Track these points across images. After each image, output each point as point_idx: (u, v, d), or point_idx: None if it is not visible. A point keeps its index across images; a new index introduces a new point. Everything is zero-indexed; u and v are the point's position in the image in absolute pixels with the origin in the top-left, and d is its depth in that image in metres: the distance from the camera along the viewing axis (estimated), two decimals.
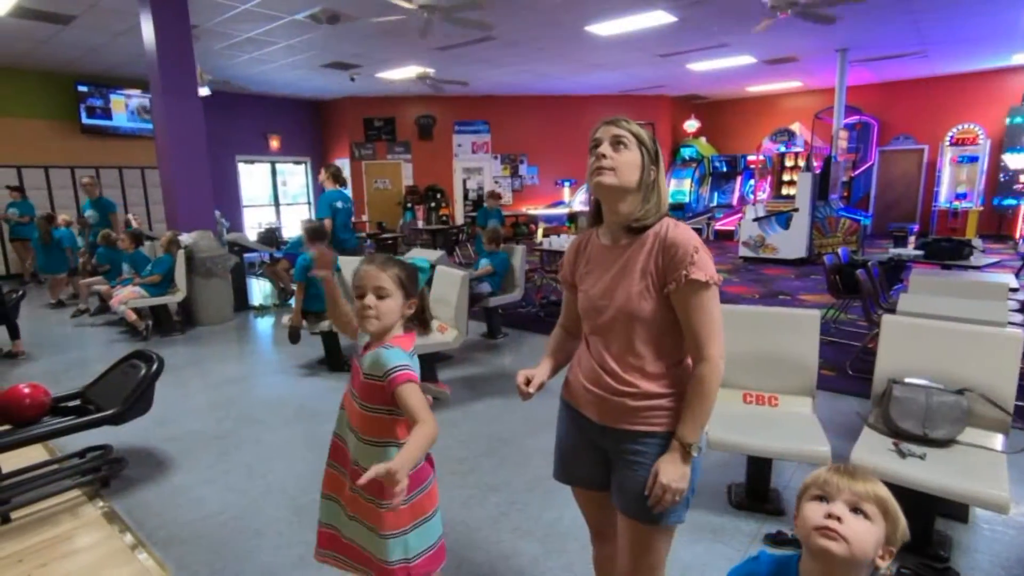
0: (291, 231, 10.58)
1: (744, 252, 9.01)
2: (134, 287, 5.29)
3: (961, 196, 10.69)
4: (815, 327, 2.40)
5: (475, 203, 12.28)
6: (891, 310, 3.18)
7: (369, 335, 1.41)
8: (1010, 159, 10.28)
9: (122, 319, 5.37)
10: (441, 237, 10.14)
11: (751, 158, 12.41)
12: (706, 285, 1.21)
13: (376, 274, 1.35)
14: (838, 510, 0.89)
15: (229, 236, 6.94)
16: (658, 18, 6.88)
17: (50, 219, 6.82)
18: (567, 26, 7.22)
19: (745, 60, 9.25)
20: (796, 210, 8.50)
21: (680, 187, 12.59)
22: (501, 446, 3.03)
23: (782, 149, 11.64)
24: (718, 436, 2.16)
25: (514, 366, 4.35)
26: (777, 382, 2.45)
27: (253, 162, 12.01)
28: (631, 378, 1.27)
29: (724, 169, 12.82)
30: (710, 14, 6.82)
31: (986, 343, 2.12)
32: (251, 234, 9.47)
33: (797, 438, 2.15)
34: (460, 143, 12.34)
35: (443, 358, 4.38)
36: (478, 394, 3.77)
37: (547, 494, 2.56)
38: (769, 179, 11.68)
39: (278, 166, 12.47)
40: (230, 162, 11.37)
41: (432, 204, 11.78)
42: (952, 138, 10.67)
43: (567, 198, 12.32)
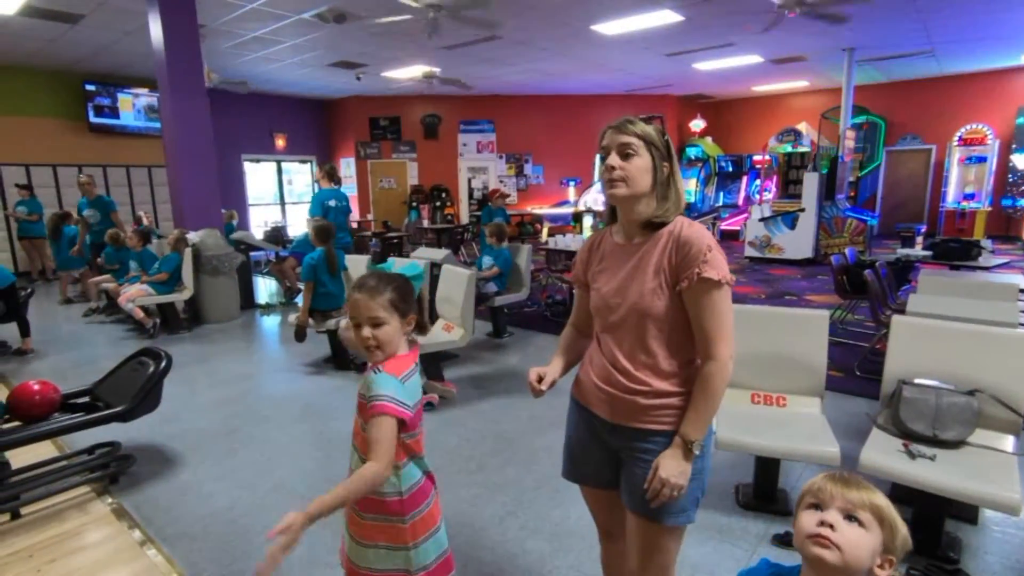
0: (296, 230, 10.61)
1: (750, 252, 8.98)
2: (142, 285, 5.32)
3: (969, 196, 10.63)
4: (824, 327, 2.39)
5: (480, 202, 12.28)
6: (900, 311, 3.16)
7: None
8: (1019, 159, 10.22)
9: (129, 317, 5.39)
10: (446, 236, 10.15)
11: (757, 158, 12.36)
12: (718, 284, 1.21)
13: (367, 304, 1.27)
14: (831, 518, 0.88)
15: (235, 235, 6.96)
16: (665, 17, 6.86)
17: (64, 217, 6.87)
18: (573, 25, 7.21)
19: (752, 59, 9.22)
20: (802, 210, 8.46)
21: (685, 187, 12.49)
22: (507, 445, 3.03)
23: (788, 149, 11.58)
24: (726, 436, 2.16)
25: (520, 365, 4.35)
26: (785, 382, 2.44)
27: (259, 161, 12.04)
28: (643, 376, 1.27)
29: (730, 169, 12.77)
30: (717, 13, 6.80)
31: (997, 344, 2.11)
32: (257, 233, 9.50)
33: (805, 438, 2.14)
34: (465, 142, 12.34)
35: (449, 357, 4.38)
36: (484, 393, 3.77)
37: (554, 493, 2.56)
38: (775, 179, 11.63)
39: (284, 165, 12.51)
40: (236, 160, 11.41)
41: (437, 203, 11.79)
42: (960, 138, 10.61)
43: (572, 198, 12.30)
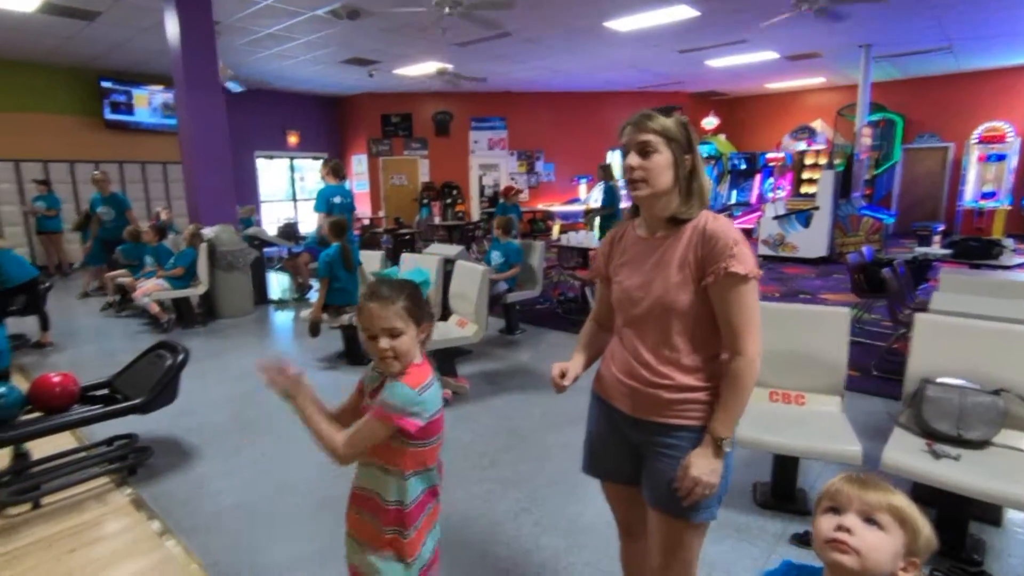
0: (309, 227, 10.65)
1: (763, 251, 8.90)
2: (157, 280, 5.37)
3: (988, 195, 10.45)
4: (845, 325, 2.35)
5: (491, 199, 12.27)
6: (920, 309, 3.11)
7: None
8: None
9: (145, 311, 5.45)
10: (457, 233, 10.16)
11: (770, 155, 12.24)
12: (745, 279, 1.19)
13: (383, 314, 1.20)
14: (849, 521, 0.86)
15: (249, 230, 7.00)
16: (680, 13, 6.80)
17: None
18: (586, 22, 7.17)
19: (766, 56, 9.13)
20: (817, 208, 8.37)
21: None
22: (520, 441, 3.02)
23: (803, 147, 11.46)
24: (744, 433, 2.13)
25: (532, 362, 4.34)
26: (804, 381, 2.41)
27: (272, 157, 12.11)
28: (666, 370, 1.25)
29: (743, 167, 12.66)
30: (732, 9, 6.73)
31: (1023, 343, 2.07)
32: (270, 229, 9.55)
33: (826, 437, 2.11)
34: (476, 139, 12.33)
35: (462, 353, 4.38)
36: (497, 389, 3.77)
37: (569, 489, 2.55)
38: (789, 177, 11.51)
39: (296, 162, 12.57)
40: (249, 157, 11.48)
41: (448, 200, 11.80)
42: (979, 136, 10.43)
43: (583, 195, 12.26)
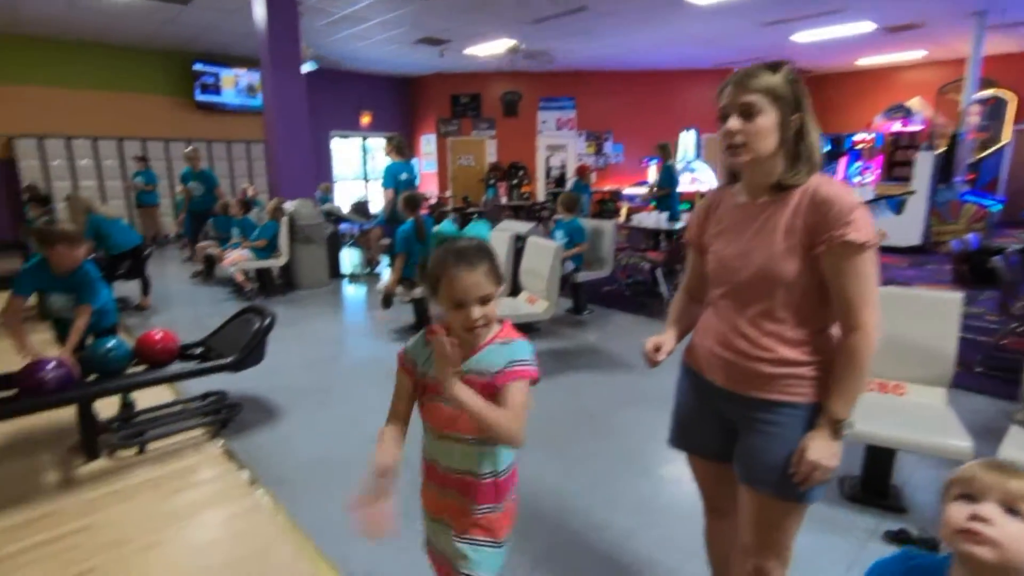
0: (379, 204, 10.94)
1: None
2: (243, 250, 5.68)
3: None
4: (955, 311, 2.16)
5: (557, 180, 12.15)
6: None
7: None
8: None
9: (230, 280, 5.79)
10: (524, 214, 10.14)
11: (858, 137, 11.42)
12: (862, 247, 1.10)
13: (477, 281, 1.09)
14: (987, 511, 0.78)
15: (325, 206, 7.27)
16: None
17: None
18: None
19: (862, 27, 8.44)
20: (912, 193, 7.75)
21: None
22: (589, 419, 3.00)
23: (897, 127, 10.62)
24: None
25: (600, 342, 4.28)
26: (904, 370, 2.25)
27: (346, 137, 12.48)
28: (768, 342, 1.18)
29: (828, 148, 11.89)
30: None
31: None
32: (342, 207, 9.87)
33: (930, 430, 1.96)
34: (545, 119, 12.20)
35: (529, 330, 4.39)
36: (565, 367, 3.75)
37: (640, 468, 2.51)
38: (878, 160, 10.72)
39: (367, 142, 12.89)
40: (324, 137, 11.88)
41: (514, 181, 11.78)
42: None
43: (651, 178, 11.90)
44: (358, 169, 12.97)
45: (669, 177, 6.90)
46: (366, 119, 12.40)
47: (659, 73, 11.78)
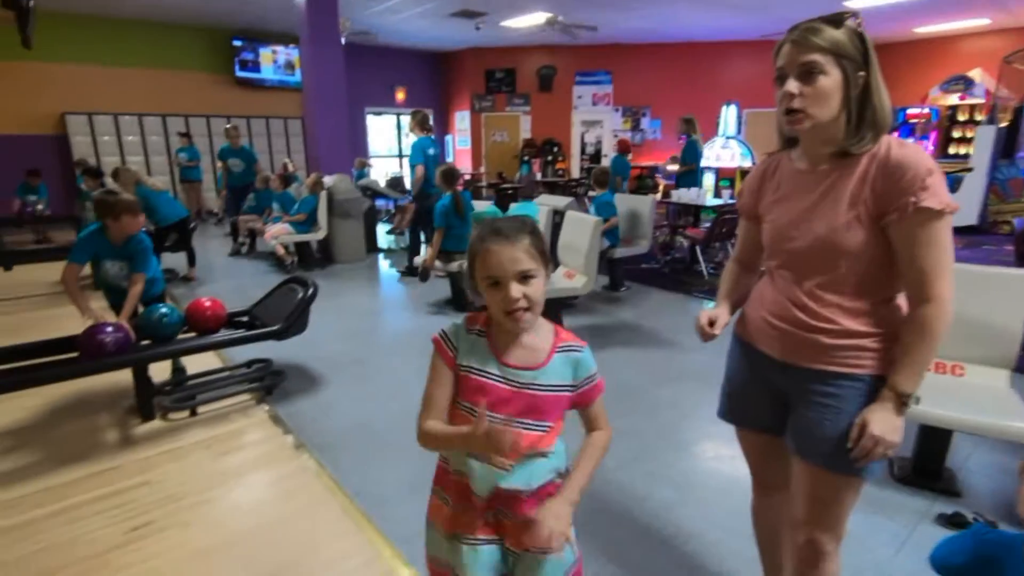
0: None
1: None
2: (283, 224, 5.78)
3: None
4: (1022, 290, 2.04)
5: (592, 157, 11.95)
6: None
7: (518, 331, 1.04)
8: None
9: (271, 254, 5.91)
10: (559, 190, 10.04)
11: (912, 111, 10.84)
12: (939, 215, 1.04)
13: (514, 255, 0.97)
14: None
15: (362, 181, 7.33)
16: None
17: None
18: None
19: None
20: (969, 170, 7.35)
21: None
22: (629, 395, 2.97)
23: (954, 100, 10.04)
24: None
25: (637, 319, 4.23)
26: (963, 350, 2.14)
27: (380, 114, 12.51)
28: (828, 313, 1.13)
29: None
30: None
31: None
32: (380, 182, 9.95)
33: (992, 412, 1.87)
34: (580, 95, 11.96)
35: (566, 306, 4.36)
36: (602, 343, 3.72)
37: (680, 443, 2.49)
38: (933, 135, 10.18)
39: (402, 118, 12.89)
40: (359, 113, 11.93)
41: (548, 158, 11.64)
42: None
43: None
44: (393, 146, 13.01)
45: (693, 152, 6.70)
46: (401, 95, 12.39)
47: (699, 45, 11.38)
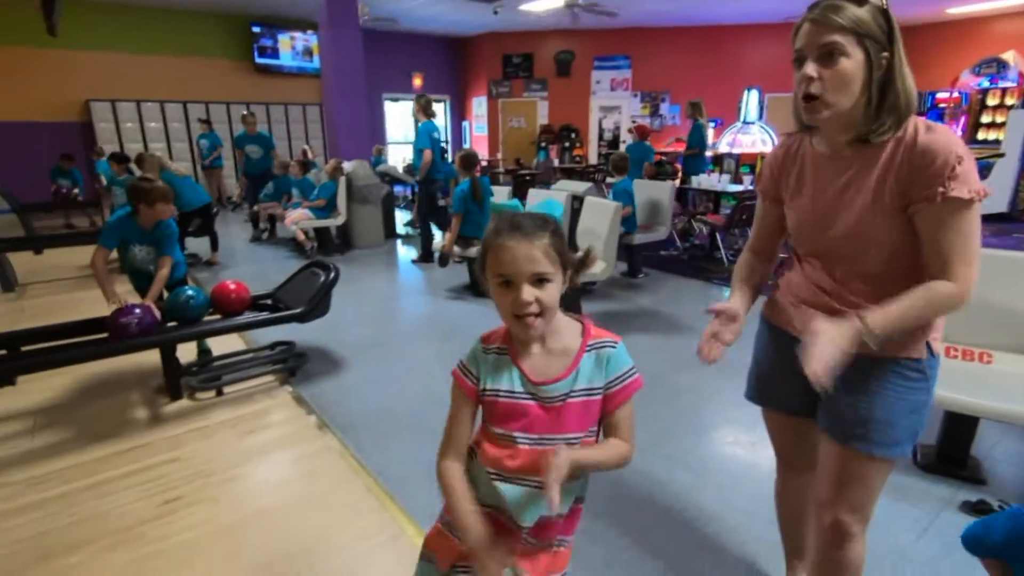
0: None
1: None
2: (303, 209, 5.84)
3: None
4: None
5: (610, 143, 11.84)
6: None
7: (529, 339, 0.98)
8: None
9: (291, 240, 5.97)
10: (576, 177, 9.97)
11: (941, 95, 10.55)
12: (968, 204, 1.00)
13: (530, 253, 0.90)
14: None
15: (380, 167, 7.35)
16: None
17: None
18: None
19: None
20: (1001, 155, 7.15)
21: None
22: (648, 381, 2.88)
23: (986, 84, 9.74)
24: None
25: (655, 305, 4.21)
26: (992, 337, 2.11)
27: (397, 100, 12.50)
28: (860, 301, 1.11)
29: None
30: None
31: None
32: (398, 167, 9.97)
33: (1021, 399, 1.84)
34: (599, 79, 11.83)
35: (584, 292, 4.36)
36: (620, 329, 3.69)
37: (699, 429, 2.49)
38: (963, 120, 9.91)
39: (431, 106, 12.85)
40: (377, 100, 11.93)
41: (566, 144, 11.56)
42: None
43: (711, 140, 11.42)
44: (410, 132, 13.00)
45: (699, 136, 6.62)
46: (418, 81, 12.36)
47: (720, 29, 11.16)
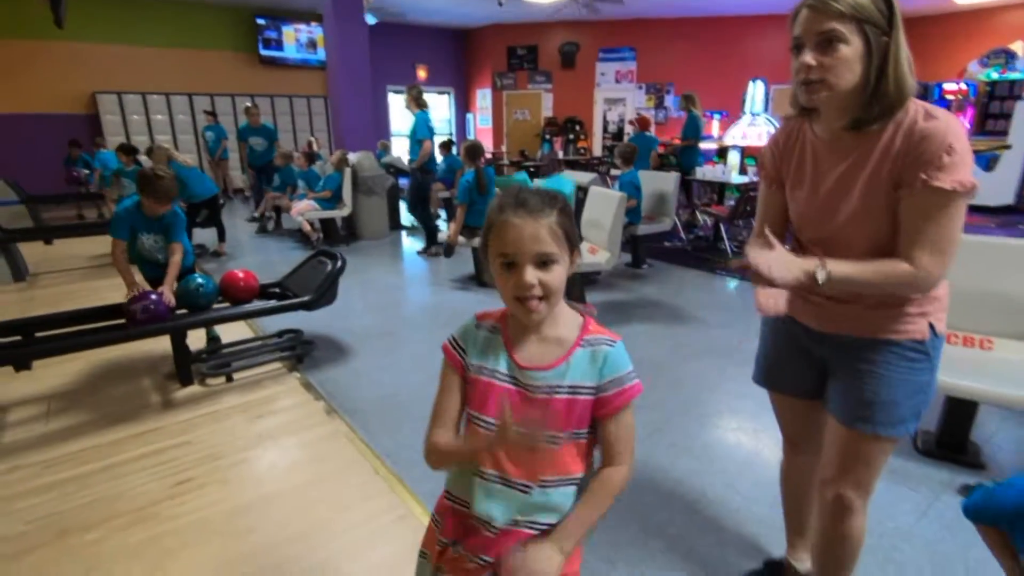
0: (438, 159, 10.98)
1: None
2: (309, 200, 5.87)
3: None
4: None
5: (614, 135, 11.82)
6: None
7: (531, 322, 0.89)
8: None
9: (297, 231, 6.01)
10: (580, 169, 9.97)
11: (948, 87, 10.48)
12: (949, 195, 0.98)
13: (538, 233, 0.83)
14: None
15: (386, 158, 7.37)
16: None
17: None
18: None
19: None
20: (1007, 147, 7.12)
21: None
22: (651, 369, 3.00)
23: (994, 76, 9.68)
24: None
25: (659, 296, 4.23)
26: (993, 324, 2.13)
27: (401, 92, 12.46)
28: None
29: None
30: None
31: None
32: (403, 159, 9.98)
33: (1021, 384, 1.86)
34: (603, 71, 11.79)
35: (588, 282, 4.39)
36: (625, 318, 3.74)
37: (704, 416, 2.52)
38: (969, 113, 9.85)
39: (423, 97, 12.84)
40: (381, 92, 11.92)
41: (570, 136, 11.54)
42: None
43: (716, 132, 11.39)
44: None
45: (694, 128, 6.60)
46: (422, 73, 12.35)
47: (726, 20, 11.09)
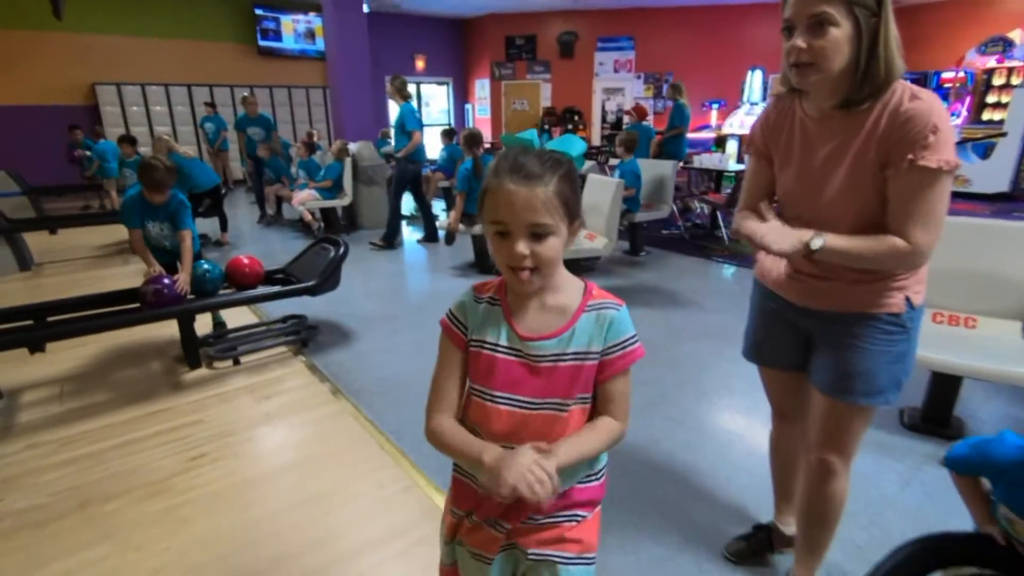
0: (433, 150, 10.99)
1: None
2: (310, 190, 5.92)
3: None
4: None
5: (613, 125, 11.85)
6: None
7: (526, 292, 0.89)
8: None
9: (298, 221, 6.07)
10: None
11: (946, 75, 10.49)
12: (935, 173, 1.01)
13: (533, 203, 0.80)
14: None
15: (385, 148, 7.41)
16: None
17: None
18: None
19: None
20: (1003, 135, 7.16)
21: None
22: (650, 349, 2.96)
23: (992, 63, 9.69)
24: None
25: (657, 282, 4.30)
26: (976, 302, 2.20)
27: None
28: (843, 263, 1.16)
29: None
30: None
31: None
32: None
33: (1005, 360, 1.93)
34: (602, 61, 11.79)
35: (586, 269, 4.45)
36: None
37: (699, 392, 2.60)
38: (968, 101, 9.88)
39: (421, 87, 12.85)
40: (380, 82, 11.92)
41: (569, 126, 11.57)
42: None
43: (714, 122, 11.41)
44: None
45: (681, 116, 6.68)
46: (421, 63, 12.34)
47: (725, 8, 11.09)
